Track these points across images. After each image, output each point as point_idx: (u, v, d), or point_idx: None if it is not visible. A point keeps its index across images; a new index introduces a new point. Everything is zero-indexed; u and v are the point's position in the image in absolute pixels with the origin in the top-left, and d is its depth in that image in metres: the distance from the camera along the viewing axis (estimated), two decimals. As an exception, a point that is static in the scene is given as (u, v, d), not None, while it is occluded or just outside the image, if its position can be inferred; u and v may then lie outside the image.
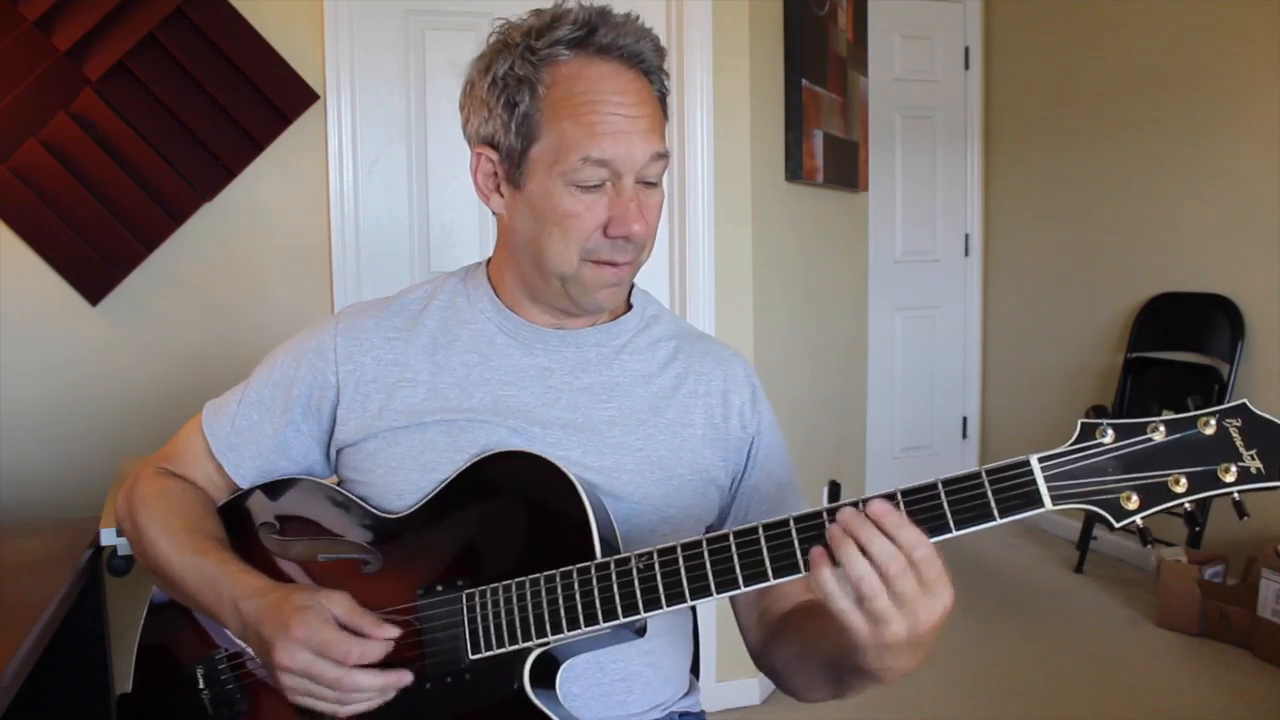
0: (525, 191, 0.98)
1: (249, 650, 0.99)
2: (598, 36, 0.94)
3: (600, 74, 0.95)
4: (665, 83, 1.01)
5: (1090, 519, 3.63)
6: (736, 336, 2.55)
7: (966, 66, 4.35)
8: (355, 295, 2.39)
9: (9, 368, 2.25)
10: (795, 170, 2.77)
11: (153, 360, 2.33)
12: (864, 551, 0.77)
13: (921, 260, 4.39)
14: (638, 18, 0.98)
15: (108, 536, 1.53)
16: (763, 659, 1.09)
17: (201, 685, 1.04)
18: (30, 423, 2.27)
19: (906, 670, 0.84)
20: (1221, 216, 3.30)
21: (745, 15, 2.54)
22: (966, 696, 2.70)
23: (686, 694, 1.12)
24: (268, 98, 2.30)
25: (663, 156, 0.98)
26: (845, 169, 3.14)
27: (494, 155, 1.00)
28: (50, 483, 2.27)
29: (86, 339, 2.29)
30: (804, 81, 2.78)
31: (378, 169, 2.44)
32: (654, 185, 0.99)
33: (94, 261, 2.23)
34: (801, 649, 1.00)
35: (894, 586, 0.77)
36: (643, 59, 0.97)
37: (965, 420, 4.49)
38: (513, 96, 0.96)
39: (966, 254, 4.45)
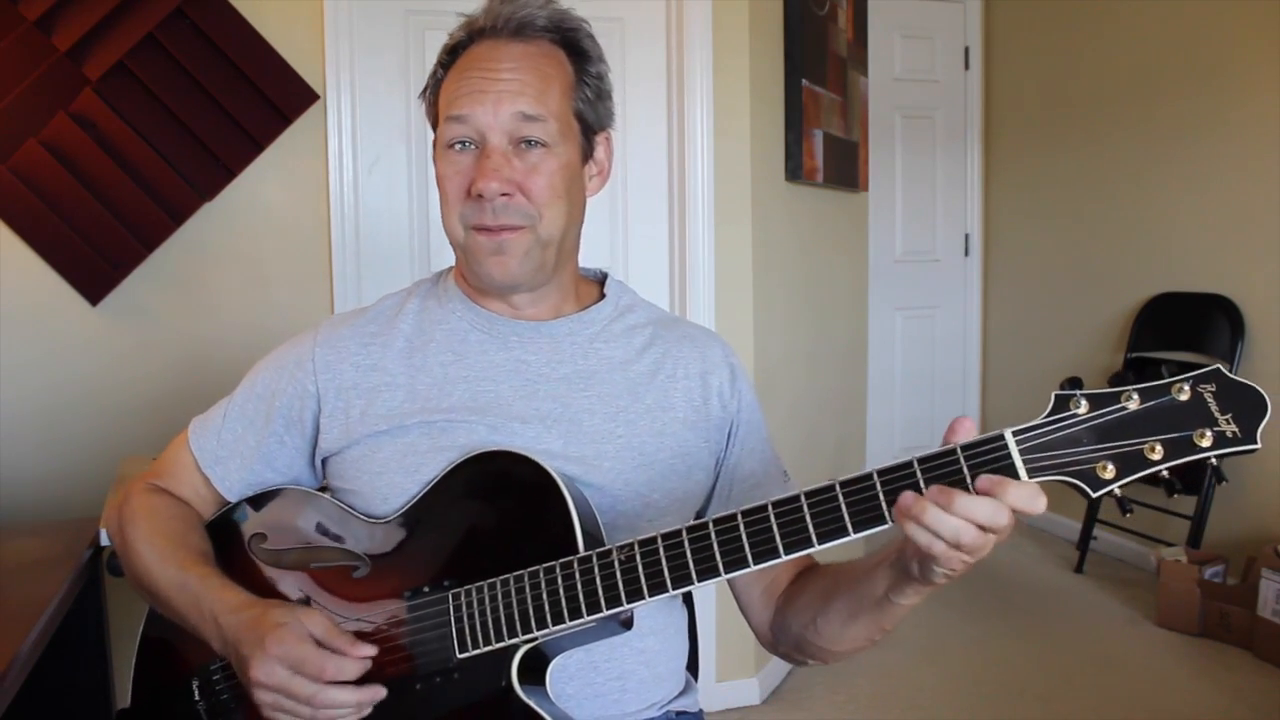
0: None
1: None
2: (482, 19, 1.01)
3: (481, 50, 1.01)
4: (596, 64, 1.04)
5: (1089, 518, 3.64)
6: (736, 336, 2.55)
7: (966, 66, 4.35)
8: (355, 295, 2.39)
9: (9, 368, 2.25)
10: (795, 170, 2.77)
11: (153, 360, 2.33)
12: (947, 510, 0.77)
13: (921, 260, 4.39)
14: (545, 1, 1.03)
15: (107, 537, 1.53)
16: (778, 632, 1.07)
17: (197, 696, 1.05)
18: (30, 423, 2.27)
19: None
20: (1221, 216, 3.30)
21: (745, 15, 2.54)
22: (966, 696, 2.70)
23: (683, 693, 1.12)
24: (268, 98, 2.30)
25: (534, 119, 0.99)
26: (845, 169, 3.14)
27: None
28: (50, 483, 2.27)
29: (86, 339, 2.29)
30: (804, 81, 2.78)
31: (378, 169, 2.44)
32: (540, 151, 1.00)
33: (94, 261, 2.23)
34: (825, 603, 0.99)
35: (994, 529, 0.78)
36: (532, 26, 1.01)
37: (965, 420, 4.49)
38: (427, 86, 1.06)
39: (966, 254, 4.45)
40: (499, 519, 0.96)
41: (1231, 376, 0.76)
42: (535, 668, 0.93)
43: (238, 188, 2.33)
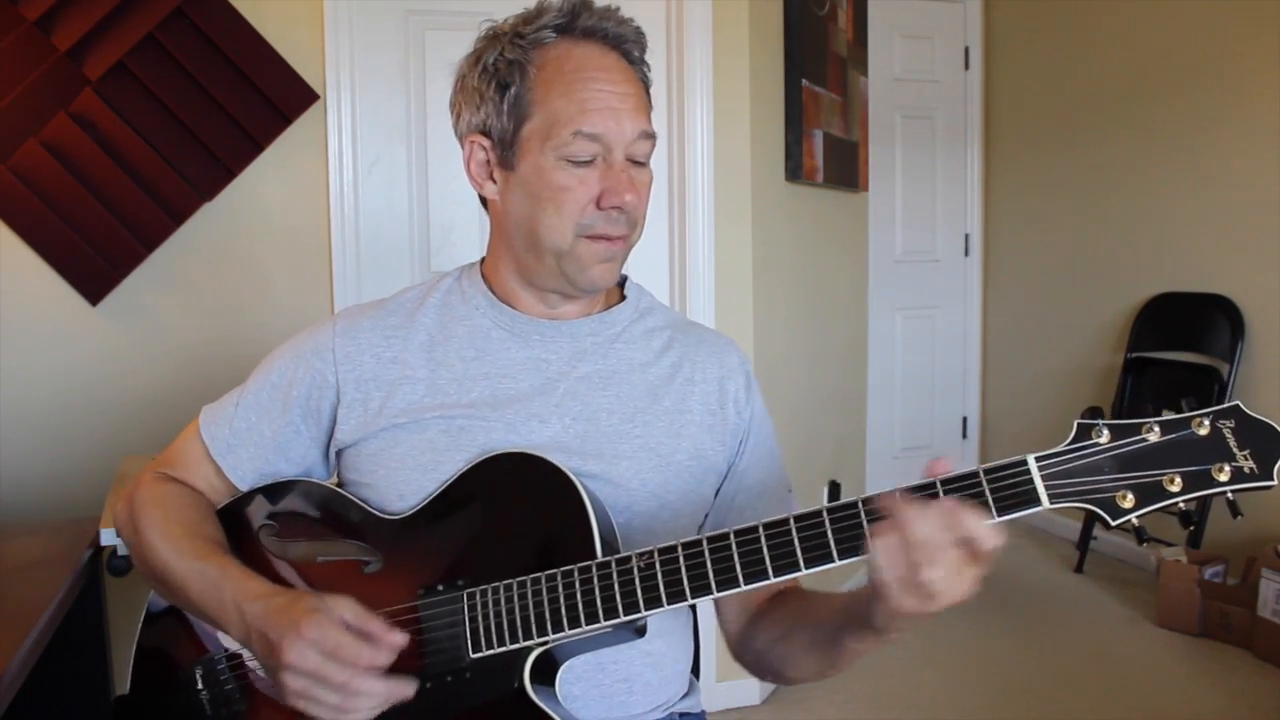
0: (518, 172, 1.01)
1: (249, 653, 0.99)
2: (581, 20, 0.99)
3: (586, 54, 0.99)
4: (647, 71, 1.05)
5: (1089, 519, 3.63)
6: (737, 336, 2.51)
7: (966, 66, 4.35)
8: (355, 295, 2.39)
9: (9, 368, 2.25)
10: (795, 170, 2.77)
11: (153, 360, 2.33)
12: (912, 539, 0.77)
13: (921, 260, 4.39)
14: (618, 8, 1.02)
15: (108, 536, 1.53)
16: (743, 644, 1.09)
17: (200, 686, 1.04)
18: (30, 423, 2.27)
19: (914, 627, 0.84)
20: (1221, 216, 3.30)
21: (745, 15, 2.54)
22: (966, 696, 2.70)
23: (687, 694, 1.12)
24: (268, 98, 2.30)
25: (649, 136, 1.01)
26: (845, 169, 3.15)
27: (486, 142, 1.03)
28: (50, 483, 2.27)
29: (86, 339, 2.29)
30: (804, 81, 2.78)
31: (378, 169, 2.44)
32: (642, 165, 1.02)
33: (94, 261, 2.23)
34: (789, 628, 1.01)
35: (946, 564, 0.77)
36: (625, 41, 1.01)
37: (965, 420, 4.49)
38: (504, 80, 1.00)
39: (966, 254, 4.45)
40: (516, 521, 0.96)
41: (1250, 413, 0.78)
42: (546, 670, 0.93)
43: (238, 188, 2.33)
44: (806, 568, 0.83)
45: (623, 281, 1.16)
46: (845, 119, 3.13)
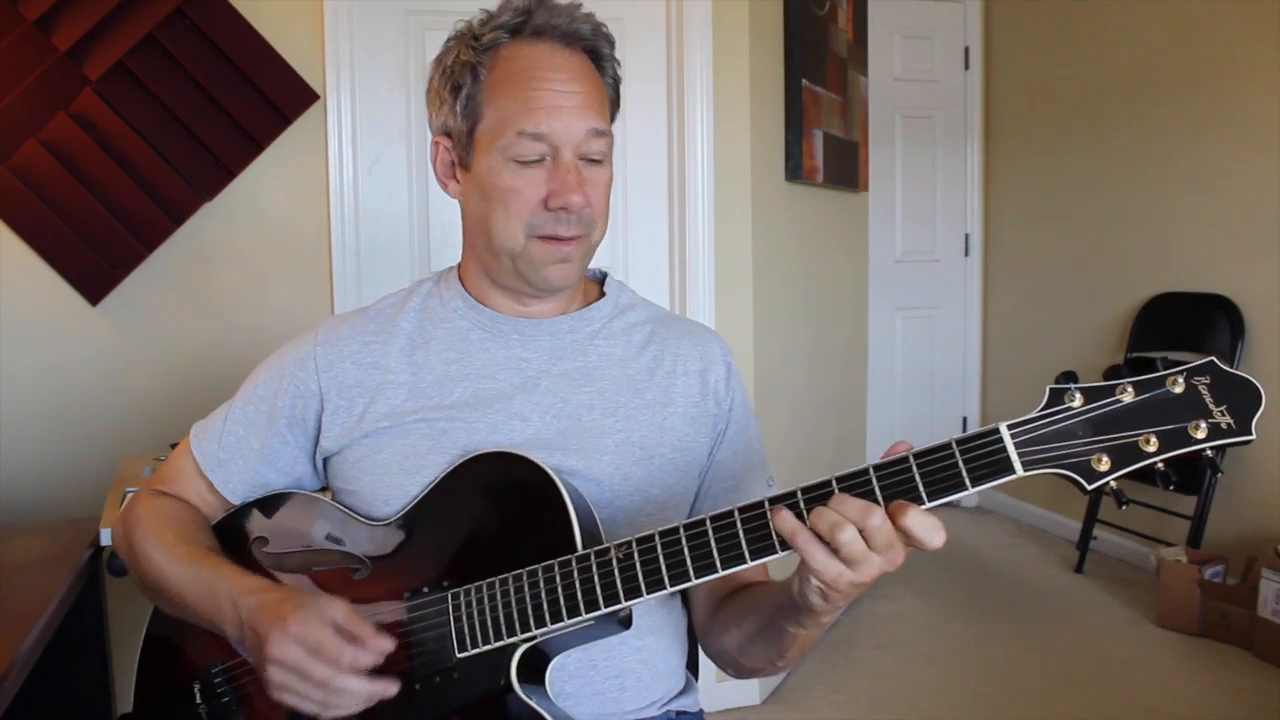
0: (473, 172, 1.03)
1: (244, 653, 1.00)
2: (534, 19, 0.99)
3: (536, 53, 0.99)
4: (612, 66, 1.05)
5: (1090, 517, 3.64)
6: (736, 336, 2.55)
7: (966, 66, 4.35)
8: (355, 295, 2.39)
9: (9, 368, 2.25)
10: (795, 170, 2.77)
11: (153, 360, 2.33)
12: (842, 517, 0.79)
13: (921, 260, 4.40)
14: (579, 5, 1.02)
15: (108, 536, 1.53)
16: (707, 636, 1.10)
17: (199, 699, 1.05)
18: (30, 423, 2.27)
19: (834, 618, 0.88)
20: (1221, 216, 3.30)
21: (745, 15, 2.54)
22: (966, 696, 2.70)
23: (683, 692, 1.12)
24: (268, 98, 2.30)
25: (601, 134, 1.01)
26: (845, 169, 3.15)
27: (448, 143, 1.05)
28: (50, 483, 2.27)
29: (86, 339, 2.29)
30: (804, 81, 2.78)
31: (378, 169, 2.44)
32: (598, 163, 1.02)
33: (94, 261, 2.23)
34: (741, 617, 1.02)
35: (873, 539, 0.78)
36: (580, 38, 1.01)
37: (965, 420, 4.49)
38: (458, 82, 1.01)
39: (966, 254, 4.45)
40: (498, 519, 0.97)
41: (1225, 369, 0.76)
42: (535, 667, 0.93)
43: (238, 188, 2.33)
44: (782, 550, 0.83)
45: (603, 278, 1.16)
46: (845, 119, 3.13)
